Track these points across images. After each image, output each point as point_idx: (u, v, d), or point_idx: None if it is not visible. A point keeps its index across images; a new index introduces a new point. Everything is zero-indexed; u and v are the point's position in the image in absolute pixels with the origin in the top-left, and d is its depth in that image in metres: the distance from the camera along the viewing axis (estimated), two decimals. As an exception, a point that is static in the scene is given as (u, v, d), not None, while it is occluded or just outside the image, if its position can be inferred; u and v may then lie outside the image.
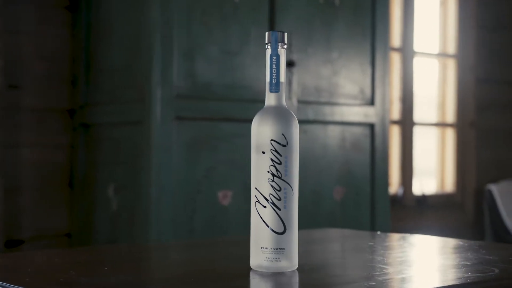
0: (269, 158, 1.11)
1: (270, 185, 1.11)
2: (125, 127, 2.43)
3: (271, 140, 1.12)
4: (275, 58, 1.15)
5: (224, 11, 2.43)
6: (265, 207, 1.11)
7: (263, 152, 1.12)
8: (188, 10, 2.35)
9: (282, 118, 1.13)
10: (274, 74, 1.14)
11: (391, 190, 3.58)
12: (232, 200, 2.43)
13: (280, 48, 1.15)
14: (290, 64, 2.56)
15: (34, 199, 2.59)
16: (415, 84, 3.76)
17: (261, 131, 1.12)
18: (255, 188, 1.12)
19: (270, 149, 1.11)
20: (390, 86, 2.92)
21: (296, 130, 1.13)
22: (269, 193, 1.11)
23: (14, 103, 2.56)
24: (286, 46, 1.15)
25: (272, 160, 1.11)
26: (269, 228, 1.11)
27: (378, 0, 2.80)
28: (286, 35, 1.16)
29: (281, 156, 1.12)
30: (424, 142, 3.93)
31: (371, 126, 2.80)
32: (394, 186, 3.68)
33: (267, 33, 1.16)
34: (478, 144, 3.96)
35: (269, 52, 1.15)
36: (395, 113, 3.70)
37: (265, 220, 1.11)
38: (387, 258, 1.32)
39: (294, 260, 1.13)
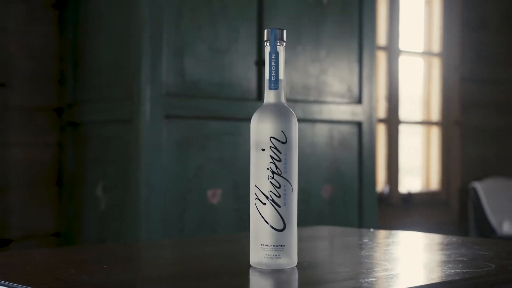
0: (269, 155, 1.12)
1: (270, 182, 1.12)
2: (114, 126, 2.42)
3: (271, 137, 1.12)
4: (274, 55, 1.15)
5: (213, 9, 2.43)
6: (264, 204, 1.12)
7: (263, 149, 1.12)
8: (177, 8, 2.35)
9: (282, 115, 1.13)
10: (273, 72, 1.15)
11: (378, 188, 3.60)
12: (221, 199, 2.43)
13: (279, 45, 1.15)
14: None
15: (22, 199, 2.58)
16: (401, 82, 3.79)
17: (261, 128, 1.12)
18: (255, 185, 1.13)
19: (270, 146, 1.12)
20: (376, 85, 2.94)
21: (295, 127, 1.14)
22: (269, 190, 1.12)
23: (2, 102, 2.54)
24: (285, 44, 1.16)
25: (271, 157, 1.12)
26: (269, 225, 1.12)
27: (365, -1, 2.82)
28: (285, 32, 1.16)
29: (280, 153, 1.12)
30: (409, 141, 3.95)
31: (359, 124, 2.82)
32: (380, 184, 3.70)
33: (266, 30, 1.16)
34: (463, 143, 3.99)
35: (268, 49, 1.15)
36: (381, 111, 3.72)
37: (264, 217, 1.12)
38: (384, 255, 1.33)
39: (293, 257, 1.13)
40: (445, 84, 3.97)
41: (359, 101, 2.81)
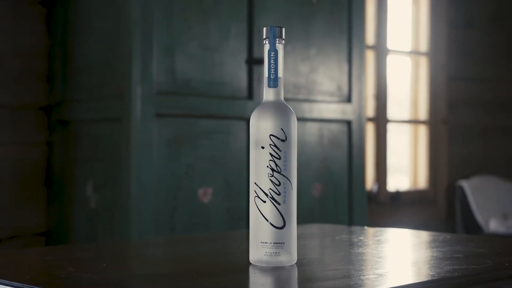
0: (269, 153, 1.12)
1: (270, 180, 1.12)
2: (105, 124, 2.41)
3: (271, 135, 1.12)
4: (273, 53, 1.15)
5: (203, 7, 2.42)
6: (264, 202, 1.12)
7: (262, 147, 1.12)
8: (167, 6, 2.34)
9: (281, 113, 1.13)
10: (272, 69, 1.15)
11: (366, 186, 3.61)
12: (212, 198, 2.43)
13: (278, 43, 1.15)
14: (269, 61, 2.56)
15: (10, 198, 2.56)
16: (389, 81, 3.80)
17: (260, 126, 1.13)
18: (254, 183, 1.13)
19: (270, 144, 1.12)
20: (365, 84, 2.95)
21: (294, 125, 1.14)
22: (269, 188, 1.12)
23: (-10, 100, 2.52)
24: (284, 41, 1.16)
25: (271, 155, 1.12)
26: (269, 222, 1.12)
27: (355, -2, 2.83)
28: (284, 30, 1.16)
29: (280, 151, 1.12)
30: (397, 139, 3.97)
31: (348, 123, 2.83)
32: (369, 182, 3.71)
33: (265, 28, 1.16)
34: (450, 141, 4.01)
35: (267, 47, 1.15)
36: (369, 110, 3.73)
37: (264, 215, 1.12)
38: (381, 252, 1.33)
39: (293, 255, 1.13)
40: (433, 83, 3.99)
41: (348, 100, 2.82)
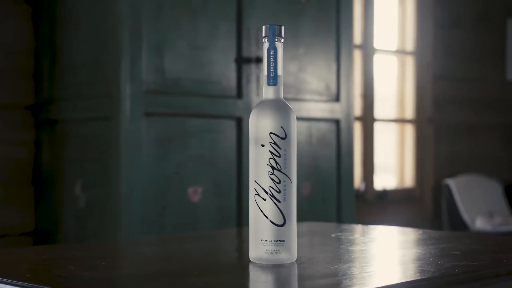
0: (269, 151, 1.12)
1: (270, 178, 1.12)
2: (93, 123, 2.40)
3: (271, 133, 1.12)
4: (273, 51, 1.15)
5: (192, 6, 2.42)
6: (264, 199, 1.12)
7: (262, 145, 1.12)
8: (156, 4, 2.33)
9: (281, 111, 1.13)
10: (271, 68, 1.15)
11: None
12: (202, 197, 2.42)
13: (278, 41, 1.15)
14: (258, 60, 2.56)
15: (-2, 197, 2.54)
16: (375, 80, 3.82)
17: (260, 124, 1.12)
18: (254, 181, 1.12)
19: (269, 142, 1.12)
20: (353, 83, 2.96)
21: (294, 123, 1.14)
22: (269, 186, 1.12)
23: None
24: (283, 40, 1.16)
25: (271, 153, 1.12)
26: (269, 220, 1.12)
27: (343, -3, 2.83)
28: (283, 28, 1.16)
29: (280, 149, 1.12)
30: (384, 138, 3.99)
31: (337, 122, 2.83)
32: (356, 181, 3.72)
33: (264, 26, 1.16)
34: (436, 140, 4.04)
35: (266, 45, 1.15)
36: (357, 109, 3.74)
37: (264, 213, 1.12)
38: (379, 249, 1.34)
39: (293, 252, 1.13)
40: (419, 82, 4.01)
41: (337, 99, 2.83)
